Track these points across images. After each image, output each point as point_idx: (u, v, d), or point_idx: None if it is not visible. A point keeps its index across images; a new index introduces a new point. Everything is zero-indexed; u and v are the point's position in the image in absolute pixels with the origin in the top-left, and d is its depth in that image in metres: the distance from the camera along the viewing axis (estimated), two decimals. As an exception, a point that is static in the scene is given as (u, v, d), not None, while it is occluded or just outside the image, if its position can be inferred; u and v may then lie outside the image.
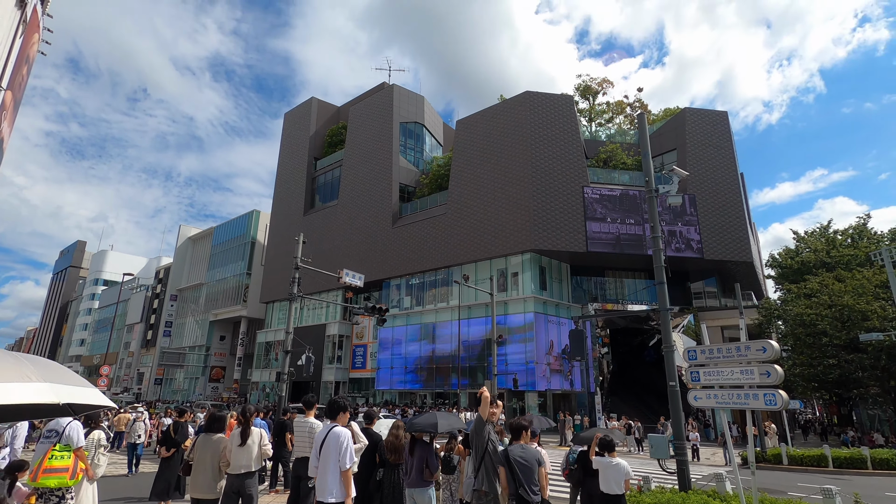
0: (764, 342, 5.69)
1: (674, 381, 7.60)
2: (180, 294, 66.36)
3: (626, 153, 37.61)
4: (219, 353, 59.26)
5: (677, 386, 7.49)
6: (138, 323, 71.74)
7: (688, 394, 6.60)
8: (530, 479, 4.63)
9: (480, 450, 4.57)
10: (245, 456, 5.52)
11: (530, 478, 4.63)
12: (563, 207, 32.90)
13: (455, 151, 39.38)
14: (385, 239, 41.06)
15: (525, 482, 4.59)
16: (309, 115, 54.60)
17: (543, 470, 4.82)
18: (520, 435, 4.96)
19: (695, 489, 6.86)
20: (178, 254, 68.46)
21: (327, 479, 4.39)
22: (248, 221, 59.02)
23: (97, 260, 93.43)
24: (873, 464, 16.86)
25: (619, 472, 5.38)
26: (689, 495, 6.32)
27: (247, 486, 5.45)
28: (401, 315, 38.63)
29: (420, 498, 5.58)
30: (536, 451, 5.00)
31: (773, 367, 5.56)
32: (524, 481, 4.59)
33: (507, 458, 4.77)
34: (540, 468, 4.77)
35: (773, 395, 5.53)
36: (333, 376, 41.47)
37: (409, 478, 5.70)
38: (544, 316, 32.28)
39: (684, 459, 7.08)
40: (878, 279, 26.89)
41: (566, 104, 35.99)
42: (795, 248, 38.53)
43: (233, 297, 56.68)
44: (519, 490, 4.57)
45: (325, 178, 51.34)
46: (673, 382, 7.60)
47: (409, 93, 47.67)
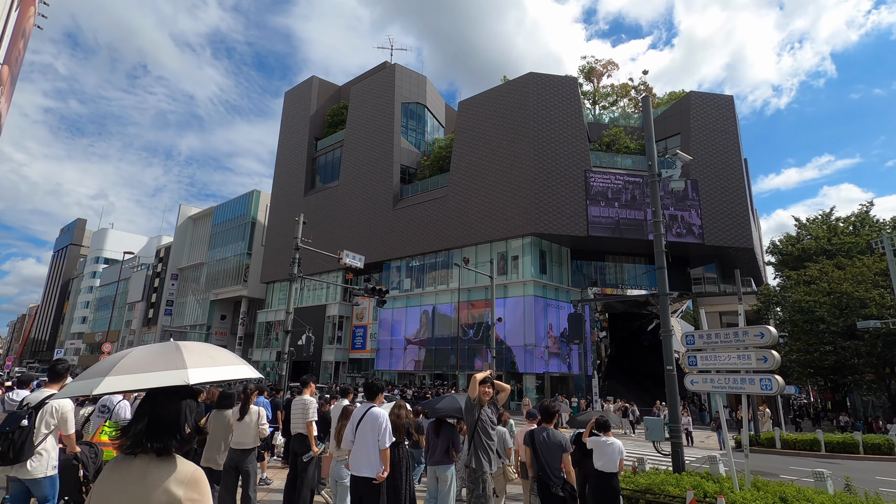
0: (762, 328, 5.71)
1: (671, 365, 7.66)
2: (181, 273, 66.57)
3: (630, 137, 37.28)
4: (219, 333, 59.69)
5: (674, 370, 7.56)
6: (139, 301, 72.13)
7: (684, 378, 6.66)
8: (554, 463, 4.66)
9: (471, 428, 4.64)
10: (243, 432, 5.75)
11: (554, 462, 4.66)
12: (565, 191, 32.74)
13: (457, 133, 39.04)
14: (385, 220, 40.98)
15: (547, 466, 4.64)
16: (309, 94, 54.00)
17: (567, 456, 4.83)
18: (551, 419, 5.00)
19: (688, 471, 6.97)
20: (178, 233, 68.46)
21: (361, 455, 4.64)
22: (248, 201, 58.86)
23: (98, 238, 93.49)
24: (865, 448, 17.12)
25: (613, 451, 5.49)
26: (682, 476, 6.42)
27: (245, 462, 5.65)
28: (401, 297, 38.79)
29: (443, 475, 5.81)
30: (563, 436, 5.01)
31: (771, 352, 5.59)
32: (546, 465, 4.64)
33: (532, 441, 4.85)
34: (564, 454, 4.78)
35: (770, 380, 5.57)
36: (333, 357, 41.84)
37: (435, 456, 5.91)
38: (544, 300, 32.40)
39: (679, 442, 7.16)
40: (877, 267, 26.91)
41: (570, 86, 35.53)
42: (797, 234, 38.47)
43: (233, 277, 56.87)
44: (540, 473, 4.64)
45: (325, 158, 51.02)
46: (670, 366, 7.65)
47: (411, 73, 47.06)
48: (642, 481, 6.22)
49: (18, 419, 4.22)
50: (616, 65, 42.25)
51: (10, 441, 4.10)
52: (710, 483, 5.89)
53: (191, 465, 1.89)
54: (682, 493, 5.50)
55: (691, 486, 5.58)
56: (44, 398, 4.42)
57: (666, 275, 8.20)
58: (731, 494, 5.37)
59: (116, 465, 1.86)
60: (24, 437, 4.15)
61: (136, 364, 1.94)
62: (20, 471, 4.18)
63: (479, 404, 4.82)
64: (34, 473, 4.22)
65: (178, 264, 66.87)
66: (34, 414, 4.31)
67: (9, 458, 4.10)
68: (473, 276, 33.85)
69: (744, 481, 5.83)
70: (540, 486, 4.71)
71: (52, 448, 4.40)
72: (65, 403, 4.47)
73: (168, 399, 1.89)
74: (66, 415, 4.45)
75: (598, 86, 42.89)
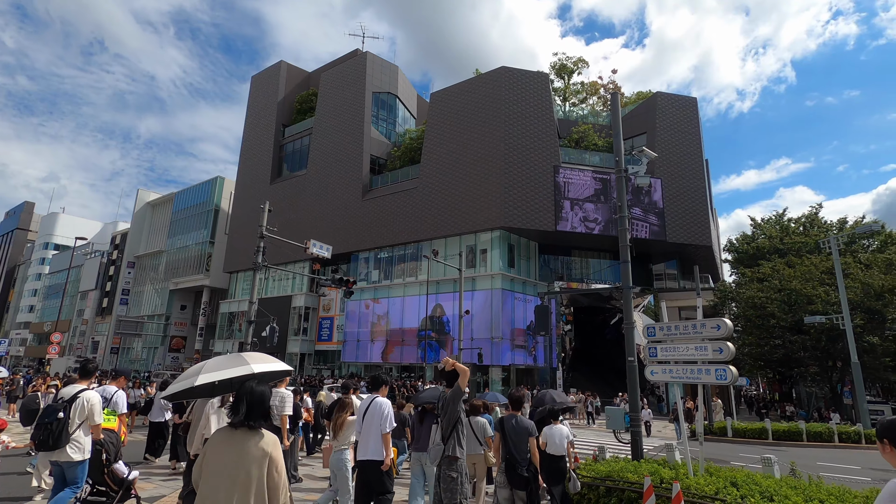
0: (718, 320, 5.93)
1: (632, 356, 7.87)
2: (138, 261, 63.98)
3: (598, 135, 37.98)
4: (179, 323, 57.79)
5: (636, 362, 7.77)
6: (93, 290, 68.94)
7: (644, 369, 6.85)
8: (521, 446, 5.13)
9: (453, 419, 4.76)
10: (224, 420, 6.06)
11: (521, 445, 5.13)
12: (534, 186, 33.11)
13: (428, 125, 38.84)
14: (354, 211, 40.47)
15: (515, 449, 5.12)
16: (277, 79, 52.56)
17: (533, 440, 5.30)
18: (519, 407, 5.56)
19: (646, 458, 7.20)
20: (136, 219, 65.64)
21: (369, 441, 5.07)
22: (211, 188, 56.96)
23: (47, 223, 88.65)
24: (808, 436, 18.15)
25: (561, 436, 6.08)
26: (640, 464, 6.62)
27: None
28: (368, 288, 38.48)
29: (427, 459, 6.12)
30: (530, 422, 5.51)
31: (726, 344, 5.81)
32: (514, 448, 5.11)
33: (501, 426, 5.27)
34: (530, 437, 5.26)
35: (724, 371, 5.79)
36: (299, 348, 41.20)
37: (419, 443, 6.19)
38: (511, 293, 32.77)
39: (638, 431, 7.39)
40: (824, 266, 28.42)
41: (541, 82, 35.85)
42: (752, 234, 40.18)
43: (194, 266, 55.06)
44: (507, 456, 5.11)
45: (293, 146, 49.87)
46: (631, 358, 7.87)
47: (382, 61, 46.43)
48: (602, 469, 6.38)
49: (55, 411, 4.94)
50: (587, 62, 42.87)
51: (49, 430, 4.84)
52: (667, 470, 6.10)
53: (271, 433, 2.78)
54: (641, 480, 5.67)
55: (649, 473, 5.77)
56: (76, 392, 5.13)
57: (630, 269, 8.40)
58: (686, 480, 5.58)
59: (224, 433, 2.76)
60: (60, 427, 4.87)
61: (216, 366, 3.06)
62: (60, 455, 4.93)
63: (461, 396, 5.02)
64: (73, 457, 4.96)
65: (135, 252, 64.21)
66: (68, 406, 5.01)
67: (48, 445, 4.85)
68: (442, 268, 33.87)
69: (698, 468, 6.07)
70: (507, 466, 5.12)
71: (85, 436, 5.11)
72: (93, 397, 5.20)
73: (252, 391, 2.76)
74: (95, 407, 5.16)
75: (569, 83, 43.44)
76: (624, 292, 8.17)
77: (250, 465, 2.63)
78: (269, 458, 2.67)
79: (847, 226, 35.89)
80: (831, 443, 17.92)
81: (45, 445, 4.83)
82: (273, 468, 2.68)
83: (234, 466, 2.62)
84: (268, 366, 3.34)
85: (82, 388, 5.20)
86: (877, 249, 33.89)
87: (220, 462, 2.65)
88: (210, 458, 2.69)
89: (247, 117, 54.81)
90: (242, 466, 2.62)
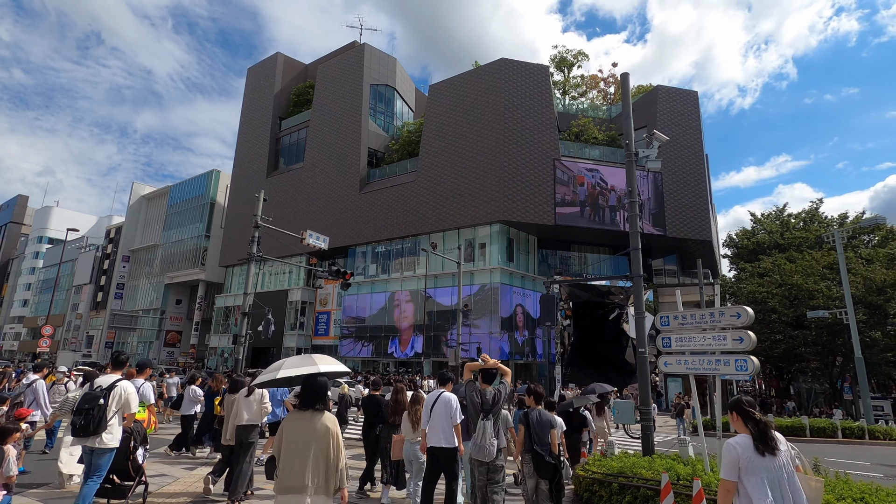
0: (739, 308, 5.61)
1: (643, 347, 7.55)
2: (133, 255, 63.34)
3: (598, 128, 37.61)
4: (174, 318, 57.30)
5: (646, 352, 7.44)
6: (87, 284, 68.31)
7: (658, 359, 6.53)
8: (544, 438, 5.42)
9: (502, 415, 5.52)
10: (248, 409, 6.65)
11: (544, 437, 5.42)
12: (534, 179, 32.75)
13: (427, 118, 38.38)
14: (351, 205, 40.03)
15: (539, 441, 5.40)
16: (274, 71, 51.92)
17: (555, 431, 5.55)
18: (541, 400, 5.90)
19: (657, 454, 6.89)
20: (130, 213, 64.95)
21: (438, 430, 5.54)
22: (207, 181, 56.38)
23: (41, 216, 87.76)
24: (811, 432, 17.94)
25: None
26: (654, 459, 6.31)
27: (247, 436, 6.51)
28: (366, 283, 38.11)
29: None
30: (552, 415, 5.84)
31: (747, 333, 5.49)
32: (539, 440, 5.40)
33: (526, 420, 5.57)
34: (552, 430, 5.52)
35: (745, 361, 5.48)
36: (295, 343, 40.84)
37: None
38: (510, 287, 32.47)
39: (649, 425, 7.08)
40: (826, 260, 28.23)
41: (541, 74, 35.42)
42: (752, 229, 39.97)
43: (190, 260, 54.53)
44: (534, 447, 5.39)
45: (289, 138, 49.30)
46: (642, 349, 7.54)
47: (381, 53, 45.87)
48: (614, 465, 6.08)
49: (96, 398, 5.10)
50: (587, 55, 42.43)
51: (90, 416, 5.00)
52: (682, 466, 5.79)
53: (331, 414, 3.57)
54: (656, 476, 5.37)
55: (665, 469, 5.45)
56: (113, 381, 5.33)
57: (640, 256, 8.07)
58: (705, 476, 5.27)
59: (296, 415, 3.52)
60: (100, 414, 5.05)
61: (293, 364, 3.98)
62: (95, 442, 5.08)
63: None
64: (107, 444, 5.13)
65: (129, 246, 63.56)
66: (108, 394, 5.19)
67: (88, 431, 5.00)
68: (440, 262, 33.55)
69: (715, 463, 5.77)
70: (534, 456, 5.42)
71: (119, 425, 5.30)
72: (129, 387, 5.40)
73: (316, 383, 3.58)
74: (132, 397, 5.38)
75: (569, 76, 43.03)
76: (634, 281, 7.84)
77: (317, 437, 3.40)
78: (330, 433, 3.44)
79: (847, 221, 35.69)
80: (835, 438, 17.72)
81: (85, 430, 4.98)
82: (334, 440, 3.44)
83: (305, 439, 3.39)
84: (331, 366, 4.12)
85: (118, 377, 5.43)
86: (877, 244, 33.71)
87: (295, 436, 3.42)
88: (287, 433, 3.47)
89: (243, 110, 54.17)
90: (312, 439, 3.39)
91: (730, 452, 3.09)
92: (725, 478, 3.09)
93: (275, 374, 4.02)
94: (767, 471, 3.01)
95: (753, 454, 3.05)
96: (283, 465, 3.41)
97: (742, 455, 3.07)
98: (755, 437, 3.10)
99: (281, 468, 3.42)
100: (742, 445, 3.10)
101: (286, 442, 3.45)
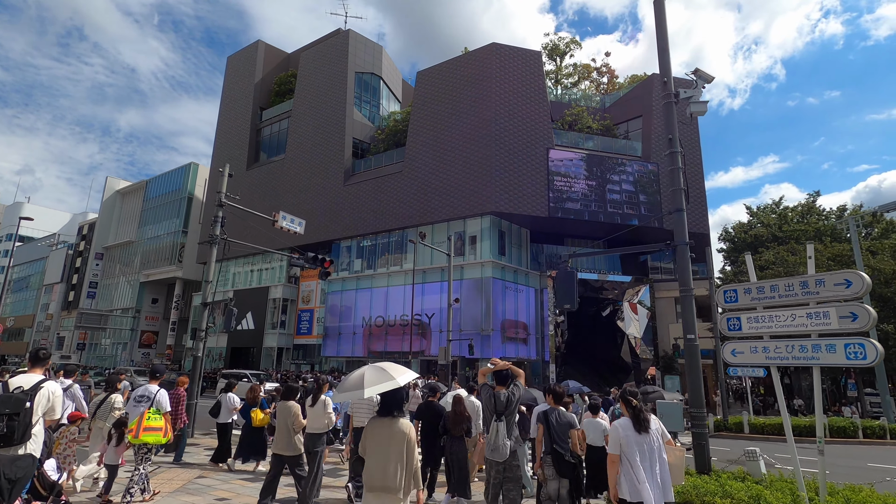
0: (849, 273, 4.08)
1: (692, 333, 5.96)
2: (107, 252, 60.57)
3: (592, 117, 36.31)
4: (150, 317, 54.79)
5: (696, 339, 5.87)
6: (58, 283, 65.27)
7: (724, 348, 4.97)
8: (564, 437, 5.44)
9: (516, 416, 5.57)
10: (316, 418, 6.68)
11: (564, 436, 5.44)
12: (527, 169, 31.28)
13: (414, 105, 36.68)
14: (336, 197, 38.17)
15: (559, 440, 5.42)
16: (255, 60, 49.78)
17: (574, 431, 5.53)
18: (560, 400, 5.85)
19: (716, 470, 5.35)
20: (104, 208, 62.09)
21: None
22: (184, 175, 53.96)
23: (11, 213, 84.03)
24: (831, 432, 16.66)
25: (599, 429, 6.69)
26: (723, 479, 4.76)
27: (314, 444, 6.52)
28: (350, 278, 36.30)
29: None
30: (571, 415, 5.79)
31: (863, 307, 3.95)
32: (558, 439, 5.42)
33: (546, 420, 5.58)
34: (573, 430, 5.51)
35: (862, 347, 3.93)
36: (276, 342, 38.85)
37: None
38: (502, 282, 30.95)
39: (704, 433, 5.53)
40: (829, 252, 27.24)
41: (534, 60, 33.97)
42: (748, 222, 39.04)
43: (167, 257, 52.09)
44: (554, 446, 5.41)
45: (270, 129, 47.23)
46: (691, 335, 5.95)
47: (366, 40, 44.07)
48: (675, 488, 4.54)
49: (22, 402, 4.31)
50: (579, 44, 41.14)
51: (13, 423, 4.17)
52: (769, 491, 4.25)
53: (406, 420, 3.93)
54: (741, 508, 3.81)
55: (750, 496, 3.89)
56: (37, 382, 4.50)
57: (685, 218, 6.53)
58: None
59: (377, 420, 3.92)
60: (27, 420, 4.27)
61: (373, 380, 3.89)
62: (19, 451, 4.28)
63: None
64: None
65: (103, 243, 60.76)
66: (33, 397, 4.43)
67: (13, 440, 4.16)
68: (429, 257, 31.91)
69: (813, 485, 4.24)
70: (554, 456, 5.41)
71: (42, 432, 4.58)
72: (56, 388, 4.65)
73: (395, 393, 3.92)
74: (56, 400, 4.66)
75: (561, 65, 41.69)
76: (679, 249, 6.29)
77: (396, 441, 3.76)
78: (406, 437, 3.77)
79: (846, 214, 34.88)
80: (855, 439, 16.48)
81: (8, 440, 4.14)
82: (410, 443, 3.79)
83: (386, 442, 3.78)
84: (408, 376, 4.07)
85: (41, 377, 4.64)
86: (877, 237, 32.88)
87: (377, 439, 3.80)
88: (371, 437, 3.84)
89: (222, 101, 51.92)
90: (392, 441, 3.77)
91: (615, 432, 4.03)
92: (612, 452, 4.00)
93: (359, 391, 3.90)
94: (640, 444, 3.89)
95: (632, 432, 3.94)
96: (368, 465, 3.77)
97: (622, 434, 3.97)
98: (633, 419, 4.00)
99: (367, 469, 3.78)
100: (623, 426, 4.01)
101: (370, 445, 3.80)
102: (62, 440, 6.80)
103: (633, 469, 3.76)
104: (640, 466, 3.73)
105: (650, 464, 3.77)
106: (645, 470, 3.73)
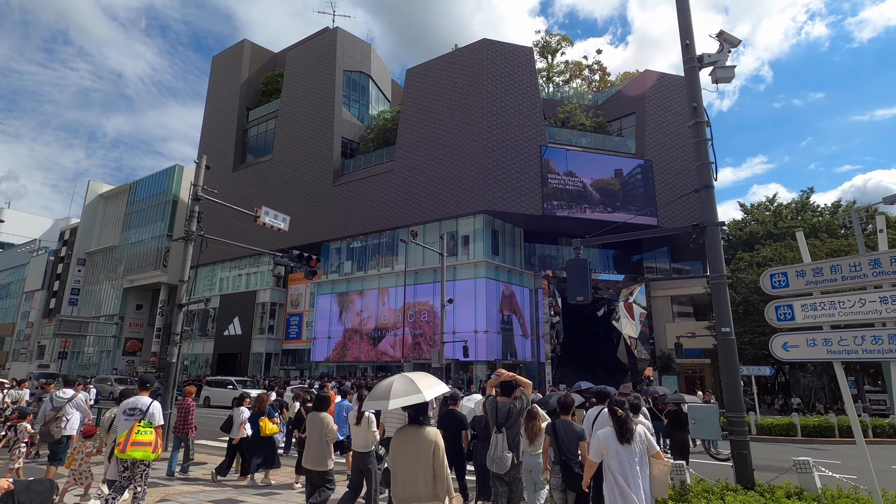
0: (935, 247, 3.37)
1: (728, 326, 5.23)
2: (90, 258, 58.94)
3: (585, 115, 35.80)
4: (134, 324, 53.29)
5: (731, 333, 5.14)
6: (39, 290, 63.45)
7: (774, 340, 4.25)
8: (573, 448, 5.23)
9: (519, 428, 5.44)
10: (361, 436, 6.48)
11: (573, 448, 5.24)
12: (520, 167, 30.63)
13: (404, 103, 35.93)
14: (324, 198, 37.24)
15: (568, 452, 5.23)
16: (241, 59, 48.77)
17: (584, 443, 5.26)
18: (569, 411, 5.53)
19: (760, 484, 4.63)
20: (87, 213, 60.48)
21: None
22: (169, 178, 52.66)
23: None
24: (840, 432, 16.10)
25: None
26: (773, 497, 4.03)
27: (365, 462, 6.37)
28: (340, 281, 35.36)
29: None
30: (580, 426, 5.50)
31: (957, 287, 3.24)
32: (568, 451, 5.23)
33: (554, 431, 5.37)
34: (581, 442, 5.28)
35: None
36: (264, 347, 37.75)
37: None
38: (496, 282, 30.22)
39: (745, 441, 4.82)
40: (827, 248, 26.89)
41: (526, 56, 33.38)
42: (743, 220, 38.78)
43: (151, 262, 50.72)
44: (563, 458, 5.24)
45: (257, 129, 46.21)
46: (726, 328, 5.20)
47: (354, 38, 43.28)
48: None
49: None
50: (570, 41, 40.70)
51: None
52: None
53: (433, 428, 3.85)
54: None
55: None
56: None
57: (714, 196, 5.86)
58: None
59: (406, 429, 3.85)
60: None
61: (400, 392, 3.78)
62: None
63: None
64: None
65: (85, 248, 59.13)
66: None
67: None
68: (420, 258, 31.10)
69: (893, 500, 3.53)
70: (563, 467, 5.26)
71: None
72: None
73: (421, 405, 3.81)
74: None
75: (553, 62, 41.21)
76: (708, 231, 5.60)
77: (424, 448, 3.71)
78: (434, 444, 3.73)
79: (840, 210, 34.68)
80: (865, 438, 15.87)
81: None
82: (437, 450, 3.72)
83: (415, 450, 3.72)
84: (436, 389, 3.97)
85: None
86: (871, 233, 32.67)
87: (406, 448, 3.75)
88: (399, 445, 3.80)
89: (207, 101, 50.81)
90: (420, 449, 3.71)
91: (596, 441, 4.39)
92: (592, 459, 4.42)
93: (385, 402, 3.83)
94: (620, 454, 4.17)
95: (614, 442, 4.24)
96: (396, 475, 3.74)
97: (603, 443, 4.30)
98: (616, 429, 4.30)
99: (395, 478, 3.76)
100: (605, 436, 4.34)
101: (398, 454, 3.76)
102: (77, 455, 6.77)
103: (614, 479, 4.00)
104: (620, 477, 3.95)
105: (631, 475, 3.95)
106: (626, 480, 3.93)
